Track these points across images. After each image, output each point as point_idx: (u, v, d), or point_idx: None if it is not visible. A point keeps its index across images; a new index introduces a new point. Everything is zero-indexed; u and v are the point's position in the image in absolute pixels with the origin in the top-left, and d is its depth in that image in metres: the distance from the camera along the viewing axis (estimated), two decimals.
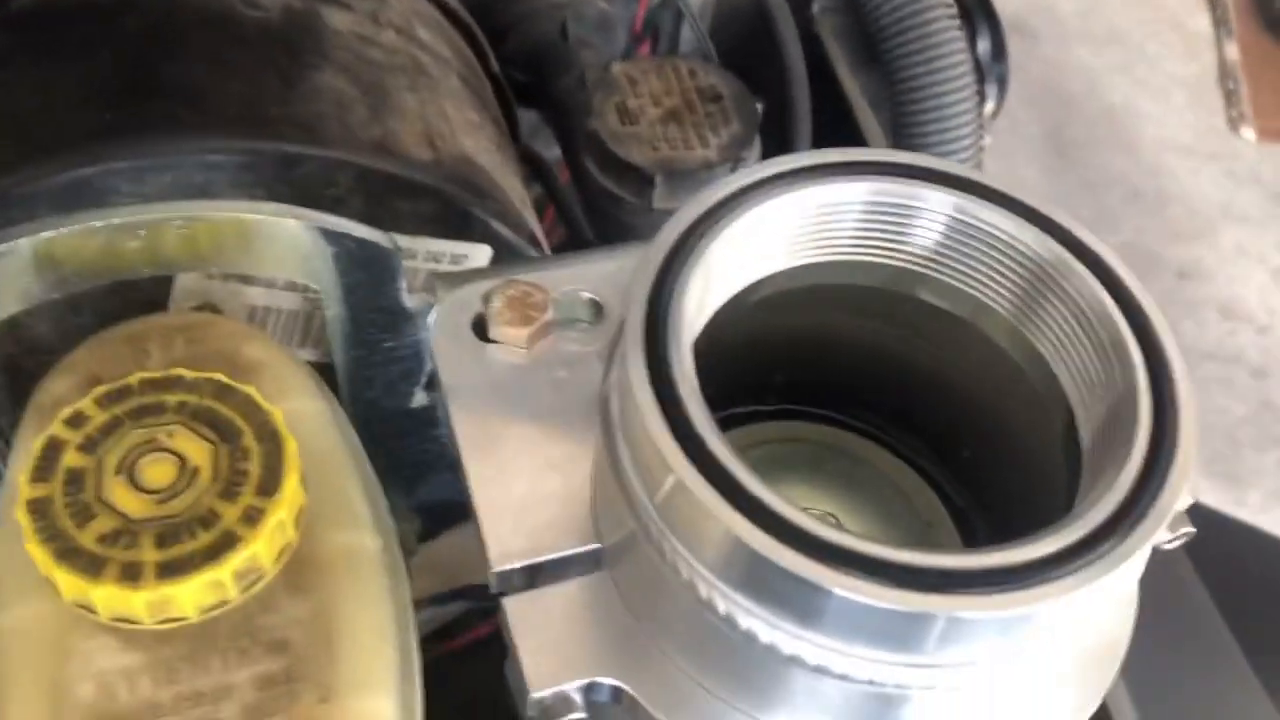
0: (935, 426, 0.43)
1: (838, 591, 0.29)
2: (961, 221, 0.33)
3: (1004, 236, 0.33)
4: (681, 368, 0.31)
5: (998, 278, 0.34)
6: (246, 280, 0.50)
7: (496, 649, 0.45)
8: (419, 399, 0.50)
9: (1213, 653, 0.70)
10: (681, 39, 0.81)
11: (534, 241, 0.57)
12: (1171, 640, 0.70)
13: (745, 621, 0.31)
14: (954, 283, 0.35)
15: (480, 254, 0.54)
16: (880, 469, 0.43)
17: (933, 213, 0.34)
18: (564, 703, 0.34)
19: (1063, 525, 0.30)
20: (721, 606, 0.31)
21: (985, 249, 0.34)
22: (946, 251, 0.34)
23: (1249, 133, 2.49)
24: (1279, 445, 2.01)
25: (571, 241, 0.72)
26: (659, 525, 0.31)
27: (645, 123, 0.57)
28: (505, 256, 0.55)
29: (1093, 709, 0.36)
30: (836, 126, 0.82)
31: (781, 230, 0.34)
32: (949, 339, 0.39)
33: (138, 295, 0.49)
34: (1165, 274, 2.26)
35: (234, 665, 0.37)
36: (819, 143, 0.74)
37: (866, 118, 0.81)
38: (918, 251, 0.35)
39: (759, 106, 0.59)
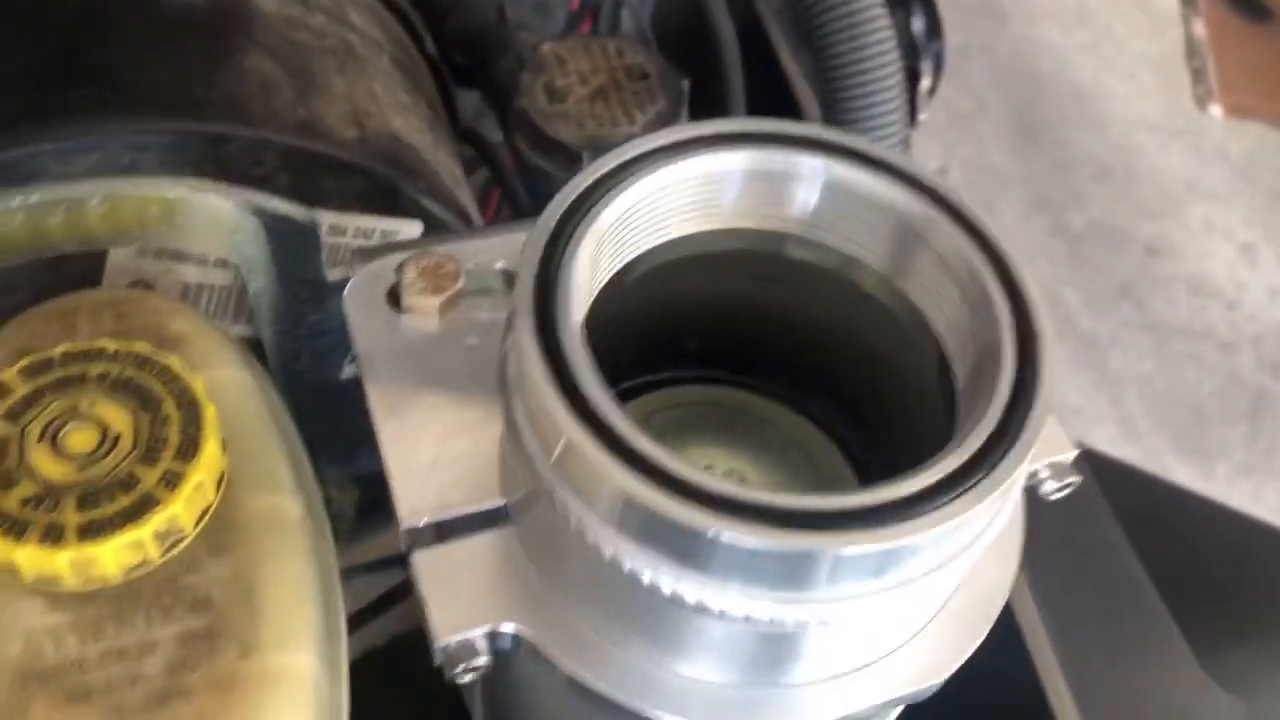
0: (834, 385, 0.45)
1: (711, 533, 0.31)
2: (835, 184, 0.35)
3: (874, 197, 0.35)
4: (569, 331, 0.33)
5: (870, 235, 0.36)
6: (179, 258, 0.51)
7: None
8: (348, 371, 0.52)
9: (1146, 623, 0.71)
10: (621, 21, 0.83)
11: (465, 217, 0.58)
12: (1103, 610, 0.72)
13: (630, 565, 0.32)
14: (829, 242, 0.36)
15: (411, 229, 0.56)
16: (786, 429, 0.45)
17: (808, 178, 0.35)
18: (468, 649, 0.36)
19: (932, 463, 0.32)
20: (609, 552, 0.33)
21: (858, 209, 0.35)
22: (822, 213, 0.36)
23: (1216, 109, 2.51)
24: (1247, 419, 2.04)
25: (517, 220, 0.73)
26: (554, 480, 0.33)
27: (572, 101, 0.59)
28: (436, 232, 0.56)
29: (969, 650, 0.38)
30: (777, 106, 0.84)
31: (668, 200, 0.35)
32: (834, 297, 0.40)
33: (72, 272, 0.50)
34: (1134, 250, 2.28)
35: (157, 623, 0.38)
36: None
37: (807, 98, 0.82)
38: (796, 215, 0.36)
39: (685, 84, 0.60)
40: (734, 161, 0.35)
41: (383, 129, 0.55)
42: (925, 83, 0.80)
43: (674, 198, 0.35)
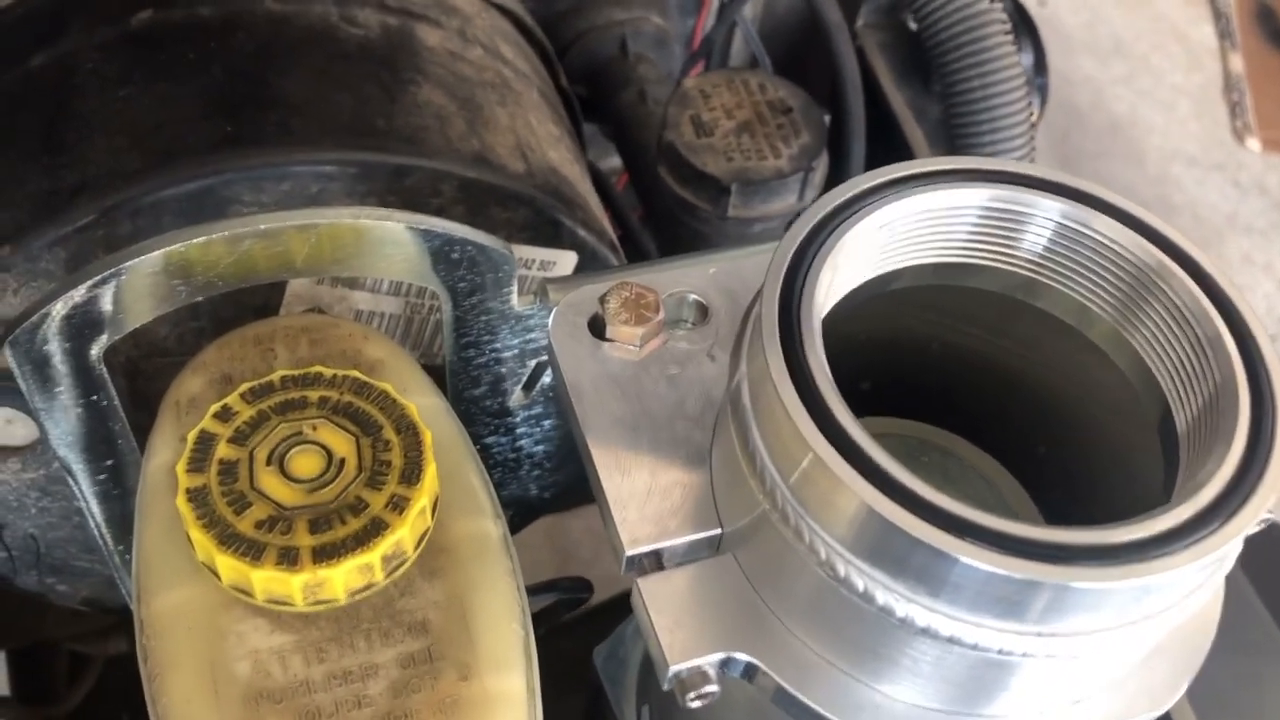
0: (1021, 423, 0.45)
1: (962, 559, 0.31)
2: (1070, 228, 0.36)
3: (1110, 243, 0.36)
4: (815, 353, 0.34)
5: (1102, 282, 0.36)
6: (352, 285, 0.52)
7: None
8: (517, 398, 0.53)
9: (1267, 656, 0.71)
10: (731, 54, 0.84)
11: (614, 248, 0.59)
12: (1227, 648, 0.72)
13: (864, 585, 0.33)
14: (1061, 288, 0.37)
15: (566, 260, 0.57)
16: (970, 461, 0.46)
17: (1044, 219, 0.36)
18: (700, 676, 0.36)
19: (1173, 506, 0.33)
20: (843, 571, 0.33)
21: (1092, 255, 0.36)
22: (1055, 258, 0.37)
23: (1254, 143, 2.52)
24: None
25: (624, 248, 0.74)
26: (793, 502, 0.34)
27: (719, 134, 0.60)
28: (588, 263, 0.57)
29: (1183, 688, 0.39)
30: (879, 137, 0.85)
31: (902, 230, 0.36)
32: (1042, 338, 0.41)
33: (250, 300, 0.51)
34: None
35: (378, 645, 0.39)
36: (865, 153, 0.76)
37: (911, 129, 0.83)
38: (1027, 257, 0.37)
39: (826, 118, 0.61)
40: (972, 197, 0.36)
41: (543, 161, 0.56)
42: (1033, 116, 0.81)
43: (909, 229, 0.36)
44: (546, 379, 0.52)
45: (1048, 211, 0.36)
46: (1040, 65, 0.81)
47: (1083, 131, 2.57)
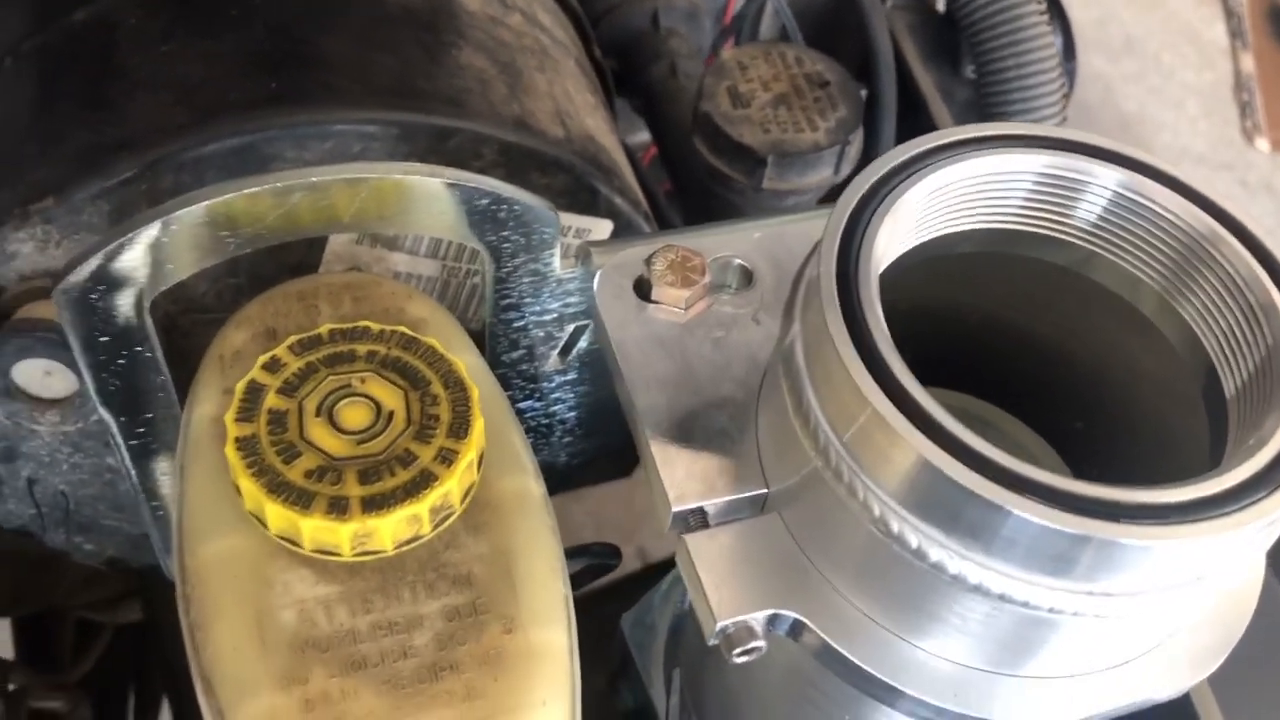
0: (1059, 396, 0.45)
1: (1017, 513, 0.31)
2: (1126, 197, 0.36)
3: (1165, 211, 0.36)
4: (873, 311, 0.34)
5: (1155, 251, 0.37)
6: (391, 246, 0.53)
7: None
8: (551, 363, 0.53)
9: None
10: (761, 30, 0.84)
11: (648, 218, 0.59)
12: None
13: (917, 541, 0.33)
14: (1113, 258, 0.37)
15: (602, 228, 0.57)
16: (1009, 432, 0.46)
17: (1100, 187, 0.36)
18: (747, 632, 0.36)
19: (1228, 468, 0.33)
20: (896, 527, 0.33)
21: (1146, 224, 0.36)
22: (1109, 227, 0.37)
23: (1263, 143, 2.52)
24: None
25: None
26: (847, 459, 0.34)
27: (756, 106, 0.60)
28: (623, 231, 0.57)
29: (1223, 656, 0.39)
30: (906, 117, 0.85)
31: (956, 195, 0.36)
32: (1085, 311, 0.41)
33: (289, 258, 0.52)
34: None
35: (423, 597, 0.39)
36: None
37: (939, 110, 0.83)
38: (1081, 226, 0.37)
39: (863, 92, 0.61)
40: (1029, 163, 0.36)
41: (581, 129, 0.56)
42: (1065, 97, 0.81)
43: (964, 193, 0.36)
44: (582, 344, 0.53)
45: (1104, 180, 0.36)
46: (1069, 49, 0.81)
47: (1092, 128, 2.55)
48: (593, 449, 0.59)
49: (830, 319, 0.34)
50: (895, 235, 0.36)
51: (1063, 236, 0.38)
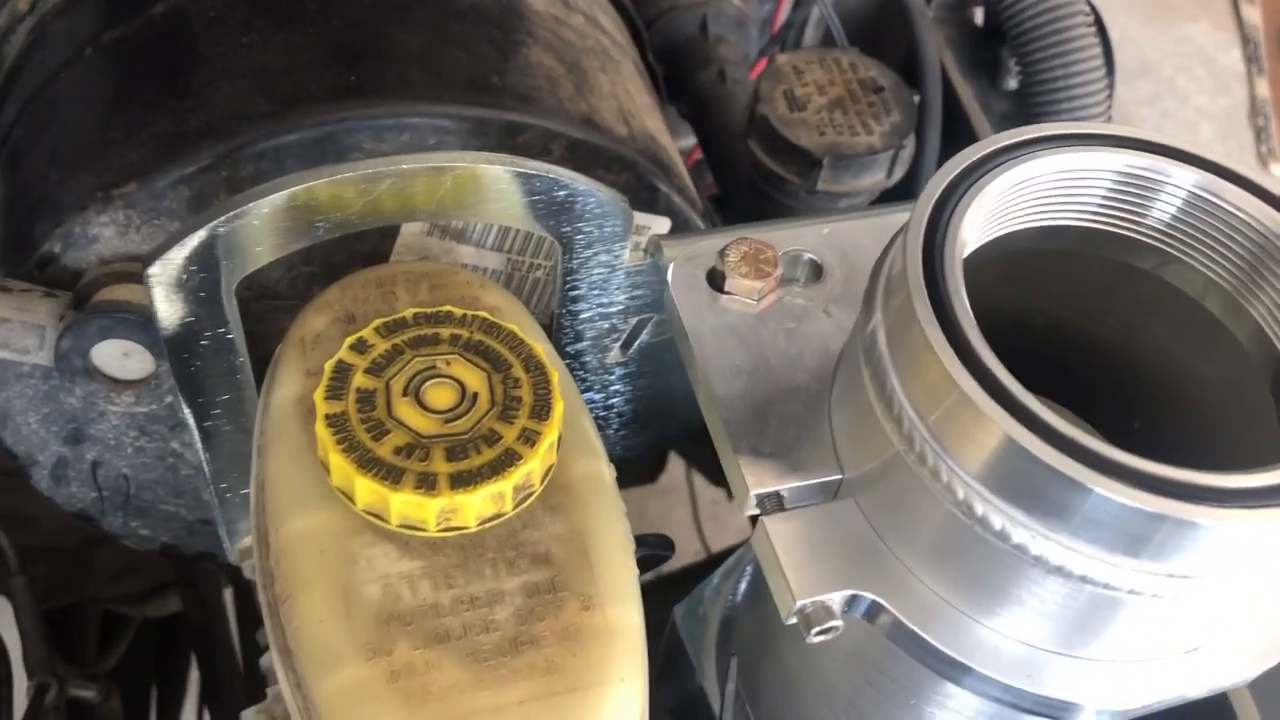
0: (1118, 395, 0.46)
1: (1101, 492, 0.32)
2: (1202, 198, 0.37)
3: (1239, 212, 0.37)
4: (959, 297, 0.35)
5: (1228, 252, 0.38)
6: (459, 238, 0.54)
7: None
8: (613, 355, 0.54)
9: None
10: (805, 39, 0.85)
11: (704, 216, 0.60)
12: None
13: (1001, 523, 0.34)
14: (1185, 258, 0.38)
15: (660, 225, 0.58)
16: None
17: (1176, 188, 0.37)
18: (825, 612, 0.37)
19: None
20: (980, 510, 0.34)
21: (1220, 225, 0.37)
22: (1183, 228, 0.38)
23: (1278, 168, 2.53)
24: None
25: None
26: (932, 443, 0.35)
27: (811, 109, 0.61)
28: (680, 228, 0.59)
29: None
30: (945, 128, 0.86)
31: (1036, 190, 0.37)
32: (1150, 312, 0.42)
33: (362, 247, 0.53)
34: None
35: (503, 574, 0.40)
36: None
37: (979, 120, 0.85)
38: (1156, 226, 0.38)
39: (915, 98, 0.63)
40: (1109, 161, 0.37)
41: (642, 128, 0.57)
42: (1110, 108, 0.82)
43: (1044, 188, 0.37)
44: (644, 338, 0.54)
45: (1180, 179, 0.37)
46: (1109, 64, 0.83)
47: None
48: (647, 443, 0.60)
49: (918, 305, 0.35)
50: (977, 226, 0.37)
51: (1137, 236, 0.39)
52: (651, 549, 0.59)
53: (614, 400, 0.56)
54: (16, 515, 0.78)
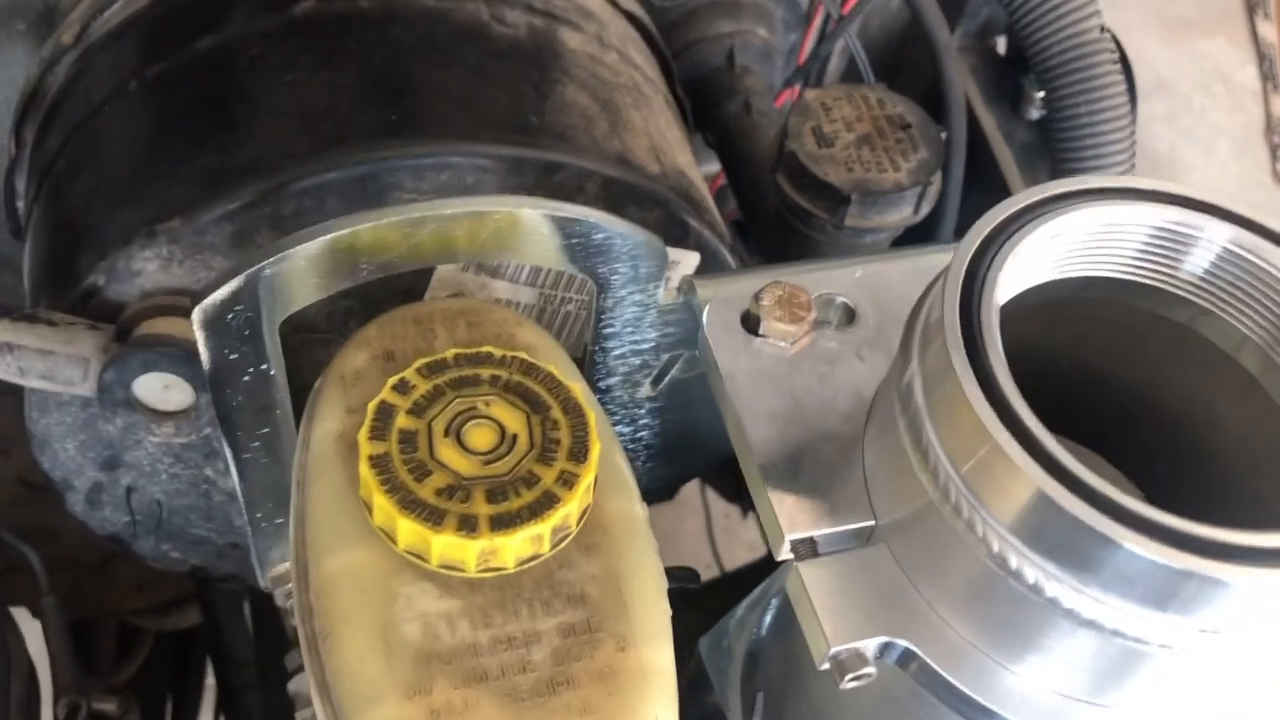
0: (1145, 441, 0.47)
1: (1128, 546, 0.33)
2: (1236, 254, 0.38)
3: (1272, 268, 0.37)
4: (995, 350, 0.35)
5: (1262, 309, 0.38)
6: (494, 274, 0.54)
7: None
8: (644, 390, 0.55)
9: None
10: (829, 69, 0.86)
11: (733, 251, 0.61)
12: None
13: (1035, 577, 0.35)
14: (1219, 312, 0.39)
15: (690, 260, 0.59)
16: (1090, 468, 0.47)
17: (1210, 243, 0.38)
18: (858, 659, 0.38)
19: None
20: (1014, 562, 0.35)
21: (1255, 281, 0.38)
22: (1217, 282, 0.38)
23: None
24: None
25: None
26: (967, 495, 0.35)
27: (840, 145, 0.62)
28: (709, 263, 0.59)
29: None
30: (969, 156, 0.87)
31: (1073, 242, 0.38)
32: (1180, 362, 0.43)
33: (399, 282, 0.53)
34: None
35: (540, 614, 0.41)
36: None
37: (1001, 150, 0.85)
38: (1190, 279, 0.39)
39: (943, 135, 0.63)
40: (1146, 215, 0.38)
41: (674, 164, 0.58)
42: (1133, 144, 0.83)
43: (1081, 241, 0.38)
44: (674, 373, 0.54)
45: (1214, 234, 0.38)
46: (1132, 96, 0.83)
47: None
48: (674, 475, 0.61)
49: (955, 357, 0.35)
50: (1013, 278, 0.38)
51: (1171, 289, 0.39)
52: (678, 582, 0.60)
53: (642, 434, 0.57)
54: (39, 528, 0.79)
